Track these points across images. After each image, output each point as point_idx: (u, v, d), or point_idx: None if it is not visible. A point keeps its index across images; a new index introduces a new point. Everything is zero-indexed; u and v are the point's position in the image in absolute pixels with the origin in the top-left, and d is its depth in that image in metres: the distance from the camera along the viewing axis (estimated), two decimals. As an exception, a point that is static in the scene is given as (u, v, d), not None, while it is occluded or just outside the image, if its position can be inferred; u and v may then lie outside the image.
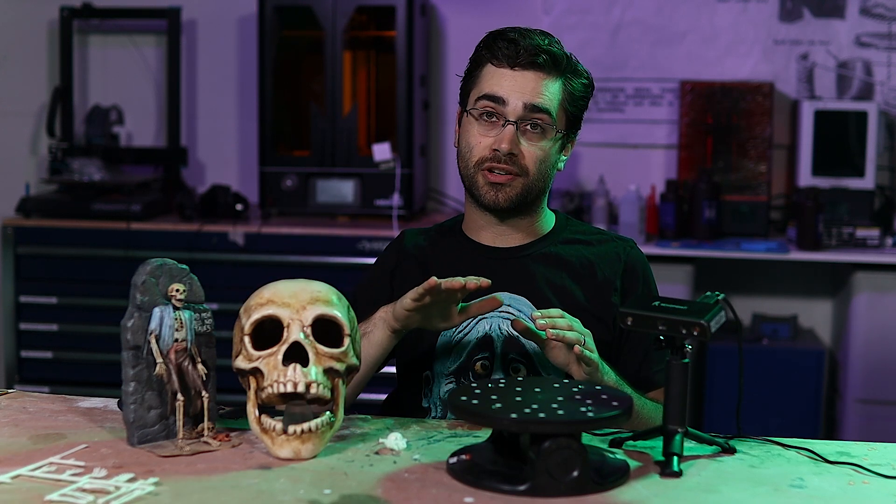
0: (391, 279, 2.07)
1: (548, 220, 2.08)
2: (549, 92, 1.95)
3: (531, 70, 1.94)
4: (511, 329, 1.97)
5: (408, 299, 1.82)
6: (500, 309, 1.97)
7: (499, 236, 2.04)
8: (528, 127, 1.95)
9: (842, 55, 4.24)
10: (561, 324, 1.76)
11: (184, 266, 1.67)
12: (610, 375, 1.84)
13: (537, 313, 1.77)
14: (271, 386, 1.56)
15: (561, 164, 2.04)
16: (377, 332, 1.90)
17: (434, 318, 1.86)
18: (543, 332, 1.76)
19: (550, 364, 1.95)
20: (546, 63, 1.94)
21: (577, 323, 1.79)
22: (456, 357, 1.99)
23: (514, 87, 1.94)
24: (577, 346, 1.74)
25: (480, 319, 1.98)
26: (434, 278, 1.78)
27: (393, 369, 2.13)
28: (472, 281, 1.78)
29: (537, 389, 1.57)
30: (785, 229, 4.09)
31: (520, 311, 1.98)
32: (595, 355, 1.78)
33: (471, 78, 2.01)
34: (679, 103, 4.20)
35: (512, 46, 1.94)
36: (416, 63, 4.07)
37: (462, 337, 1.99)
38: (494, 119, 1.95)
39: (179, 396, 1.63)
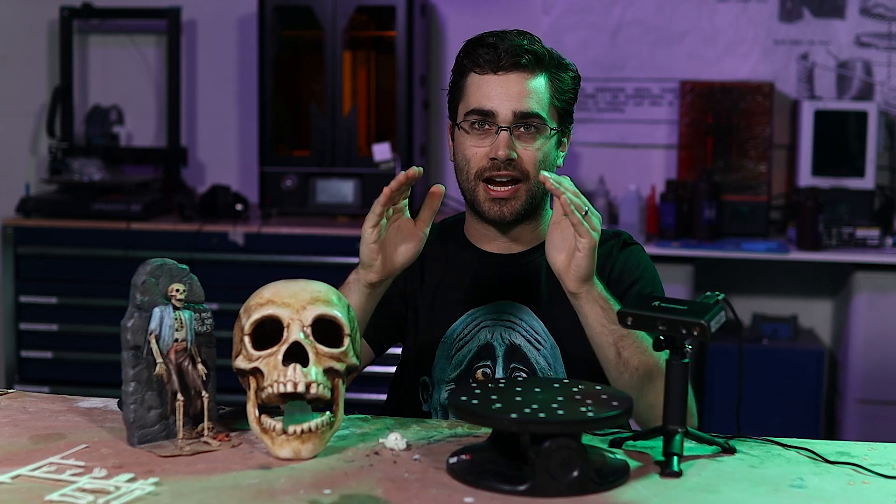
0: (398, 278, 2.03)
1: (549, 223, 2.05)
2: (536, 92, 1.91)
3: (515, 72, 1.90)
4: (512, 338, 1.96)
5: (367, 229, 1.78)
6: (500, 318, 1.97)
7: (502, 244, 2.01)
8: (522, 129, 1.90)
9: (842, 55, 4.24)
10: (568, 186, 1.72)
11: (184, 266, 1.67)
12: (603, 291, 1.78)
13: (545, 174, 1.73)
14: (271, 386, 1.56)
15: (560, 161, 1.98)
16: (353, 295, 1.83)
17: (398, 245, 1.82)
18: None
19: (552, 375, 1.94)
20: (529, 62, 1.90)
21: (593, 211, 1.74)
22: (457, 364, 1.98)
23: (500, 94, 1.90)
24: (567, 198, 1.70)
25: (482, 328, 1.97)
26: (385, 188, 1.76)
27: (392, 369, 2.13)
28: (412, 169, 1.76)
29: (537, 389, 1.57)
30: (785, 229, 4.09)
31: (521, 319, 1.97)
32: (596, 234, 1.73)
33: (456, 90, 1.97)
34: (679, 103, 4.20)
35: (492, 51, 1.90)
36: (416, 63, 4.07)
37: (463, 344, 1.98)
38: (487, 127, 1.91)
39: (179, 396, 1.63)
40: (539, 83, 1.91)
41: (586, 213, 1.72)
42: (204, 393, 1.65)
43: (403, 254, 1.83)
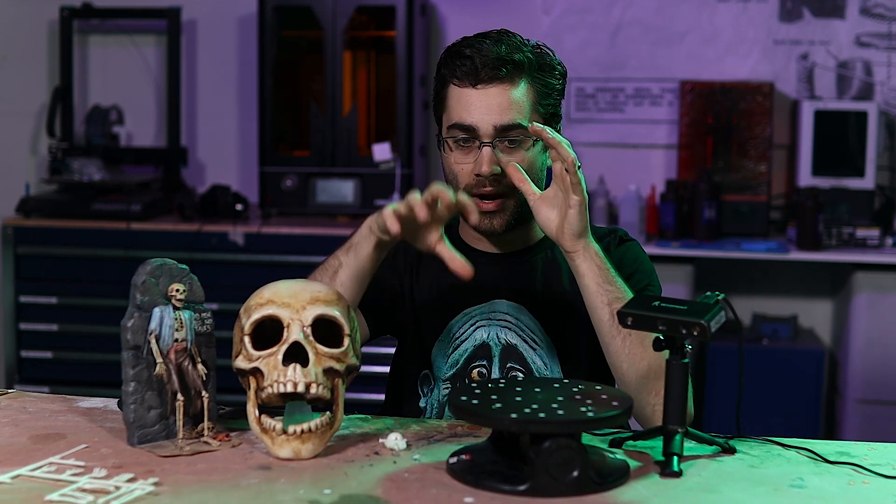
0: (393, 258, 2.00)
1: (531, 202, 1.95)
2: (517, 103, 1.87)
3: (494, 84, 1.86)
4: (508, 338, 1.96)
5: (388, 212, 1.75)
6: (496, 318, 1.96)
7: (497, 245, 1.99)
8: (506, 143, 1.87)
9: (842, 55, 4.24)
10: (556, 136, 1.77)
11: (184, 266, 1.67)
12: (599, 252, 1.81)
13: (538, 125, 1.77)
14: (271, 386, 1.56)
15: (549, 162, 1.93)
16: (364, 244, 1.82)
17: (416, 234, 1.79)
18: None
19: (548, 374, 1.94)
20: (509, 72, 1.86)
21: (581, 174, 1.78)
22: (453, 363, 1.97)
23: (480, 107, 1.86)
24: (568, 157, 1.75)
25: (478, 327, 1.97)
26: (436, 188, 1.72)
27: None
28: (462, 200, 1.73)
29: (537, 389, 1.57)
30: (785, 229, 4.09)
31: (517, 318, 1.96)
32: (584, 192, 1.77)
33: (439, 100, 1.94)
34: (679, 103, 4.20)
35: (470, 63, 1.85)
36: (416, 63, 4.07)
37: (459, 344, 1.97)
38: (470, 143, 1.88)
39: (179, 396, 1.63)
40: (520, 92, 1.87)
41: (579, 167, 1.76)
42: (204, 393, 1.65)
43: (413, 239, 1.80)
